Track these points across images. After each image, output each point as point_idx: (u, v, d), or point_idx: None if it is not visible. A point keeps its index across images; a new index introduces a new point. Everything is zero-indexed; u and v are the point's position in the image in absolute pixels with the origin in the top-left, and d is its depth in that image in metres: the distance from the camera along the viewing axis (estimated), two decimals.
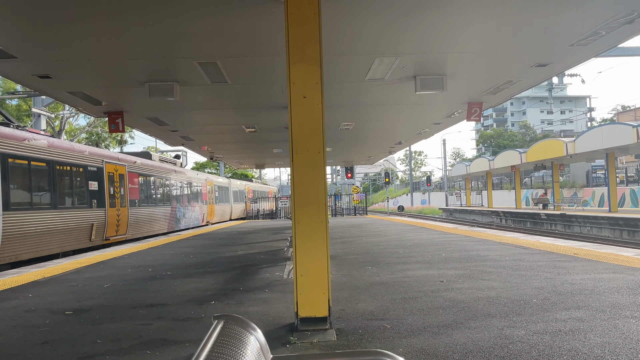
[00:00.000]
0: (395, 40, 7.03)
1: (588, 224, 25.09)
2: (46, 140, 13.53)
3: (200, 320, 5.20)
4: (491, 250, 10.20)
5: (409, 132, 17.13)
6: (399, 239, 13.75)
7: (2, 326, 5.23)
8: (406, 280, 7.07)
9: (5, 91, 37.08)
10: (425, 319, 4.88)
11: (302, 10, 4.67)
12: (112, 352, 4.20)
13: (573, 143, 26.63)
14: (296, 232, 4.64)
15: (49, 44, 6.66)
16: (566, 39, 7.28)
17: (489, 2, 5.81)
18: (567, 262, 8.09)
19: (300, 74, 4.67)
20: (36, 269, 10.04)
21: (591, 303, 5.24)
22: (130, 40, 6.69)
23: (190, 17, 5.93)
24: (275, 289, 6.77)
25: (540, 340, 4.05)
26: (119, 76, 8.45)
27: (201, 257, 10.90)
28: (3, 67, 7.69)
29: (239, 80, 8.90)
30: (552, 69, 9.10)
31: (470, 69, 8.74)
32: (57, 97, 10.16)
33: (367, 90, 10.07)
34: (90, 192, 15.68)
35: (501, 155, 37.61)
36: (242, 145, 19.18)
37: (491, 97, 11.19)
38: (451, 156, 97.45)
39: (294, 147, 4.67)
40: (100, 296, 6.74)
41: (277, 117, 12.68)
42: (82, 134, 36.87)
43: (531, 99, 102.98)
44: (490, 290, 6.12)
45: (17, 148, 11.96)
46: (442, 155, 63.92)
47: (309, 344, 4.22)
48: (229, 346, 1.57)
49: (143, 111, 11.46)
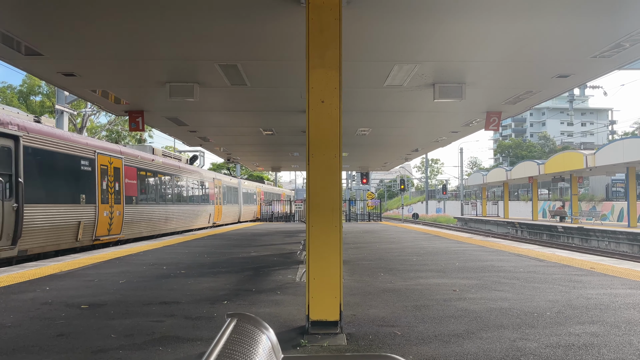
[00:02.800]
0: (415, 47, 7.03)
1: (606, 238, 24.68)
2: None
3: (212, 320, 5.25)
4: (505, 261, 10.10)
5: (426, 140, 17.06)
6: (412, 246, 13.69)
7: (19, 317, 5.35)
8: (418, 288, 7.04)
9: (30, 87, 37.88)
10: (437, 327, 4.86)
11: (323, 16, 4.71)
12: (125, 347, 4.27)
13: (593, 156, 26.26)
14: (310, 236, 4.66)
15: (74, 42, 6.80)
16: (589, 51, 7.21)
17: (511, 13, 5.79)
18: (583, 276, 7.98)
19: (320, 79, 4.71)
20: (53, 262, 10.22)
21: (606, 318, 5.17)
22: (152, 41, 6.80)
23: (212, 20, 6.01)
24: (287, 292, 6.79)
25: (553, 354, 4.01)
26: (140, 76, 8.59)
27: (215, 257, 10.98)
28: (29, 64, 7.87)
29: (258, 83, 8.98)
30: (574, 80, 9.00)
31: (490, 78, 8.70)
32: (80, 94, 10.35)
33: (385, 96, 10.08)
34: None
35: (519, 165, 37.23)
36: (259, 148, 19.28)
37: (510, 106, 11.10)
38: (468, 165, 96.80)
39: (311, 151, 4.70)
40: (115, 292, 6.84)
41: (295, 121, 12.74)
42: (102, 131, 37.46)
43: (551, 110, 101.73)
44: (503, 301, 6.07)
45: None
46: (458, 164, 63.54)
47: (319, 347, 4.24)
48: (241, 344, 1.60)
49: (163, 111, 11.61)
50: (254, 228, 24.45)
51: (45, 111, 37.61)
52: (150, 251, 12.39)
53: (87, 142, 15.00)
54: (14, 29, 6.27)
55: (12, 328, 4.90)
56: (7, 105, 36.54)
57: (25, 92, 38.43)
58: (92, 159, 14.87)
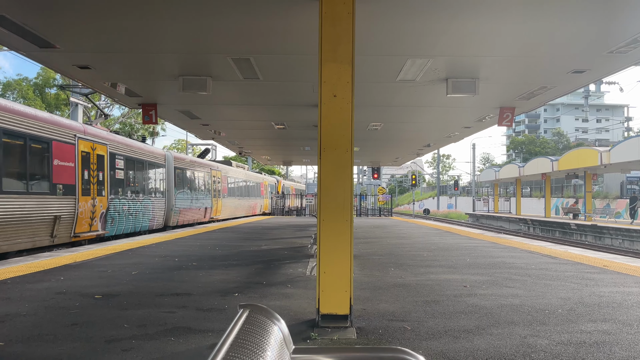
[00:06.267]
0: (429, 42, 6.99)
1: (620, 236, 24.40)
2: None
3: (223, 311, 5.30)
4: (517, 257, 10.04)
5: (438, 135, 16.97)
6: (423, 242, 13.66)
7: (35, 306, 5.44)
8: (429, 283, 7.04)
9: (45, 80, 38.27)
10: (447, 322, 4.86)
11: (336, 10, 4.70)
12: (137, 337, 4.33)
13: (608, 152, 25.93)
14: (321, 230, 4.68)
15: (90, 36, 6.87)
16: (605, 46, 7.12)
17: (525, 8, 5.72)
18: (596, 274, 7.91)
19: (332, 73, 4.71)
20: (68, 253, 10.37)
21: (618, 316, 5.13)
22: (166, 35, 6.84)
23: (226, 14, 6.03)
24: (297, 285, 6.83)
25: (564, 351, 3.99)
26: (154, 69, 8.65)
27: (226, 250, 11.06)
28: (45, 56, 7.96)
29: (271, 77, 8.99)
30: (589, 76, 8.89)
31: (504, 73, 8.62)
32: (94, 87, 10.45)
33: (398, 91, 10.04)
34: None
35: (532, 162, 36.89)
36: (271, 142, 19.33)
37: (524, 102, 11.00)
38: (480, 161, 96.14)
39: (323, 145, 4.70)
40: (128, 282, 6.93)
41: (307, 115, 12.75)
42: (116, 124, 37.78)
43: (566, 106, 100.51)
44: (514, 297, 6.04)
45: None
46: (471, 160, 63.08)
47: (329, 340, 4.27)
48: (253, 334, 1.63)
49: (176, 104, 11.68)
50: (265, 222, 24.55)
51: (60, 103, 38.04)
52: (162, 243, 12.51)
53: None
54: (31, 22, 6.34)
55: (28, 317, 5.00)
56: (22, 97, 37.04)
57: (41, 84, 38.84)
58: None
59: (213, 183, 27.16)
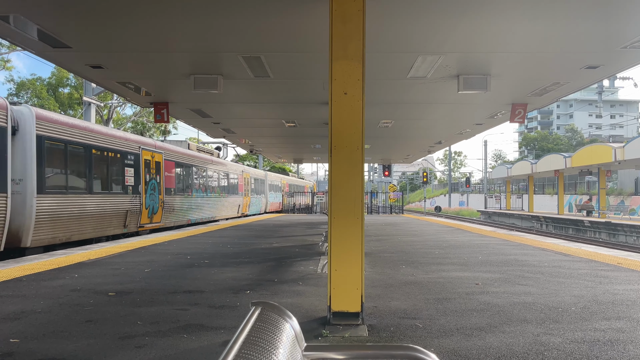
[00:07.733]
0: (440, 38, 6.95)
1: (634, 233, 24.10)
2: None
3: (235, 309, 5.33)
4: (530, 255, 9.97)
5: (449, 132, 16.88)
6: (435, 239, 13.61)
7: (50, 303, 5.52)
8: (440, 281, 7.02)
9: (58, 80, 38.67)
10: (459, 320, 4.85)
11: (346, 7, 4.70)
12: (150, 334, 4.38)
13: (622, 149, 25.58)
14: (332, 227, 4.69)
15: (102, 35, 6.93)
16: (619, 41, 7.02)
17: (537, 4, 5.67)
18: (610, 272, 7.83)
19: (342, 71, 4.71)
20: (81, 251, 10.49)
21: (633, 314, 5.08)
22: (177, 34, 6.88)
23: (236, 13, 6.05)
24: (308, 283, 6.85)
25: (577, 349, 3.96)
26: (165, 68, 8.70)
27: (237, 248, 11.11)
28: (58, 56, 8.05)
29: (281, 75, 9.01)
30: (603, 72, 8.78)
31: (515, 69, 8.55)
32: (107, 86, 10.54)
33: (409, 88, 10.00)
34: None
35: (544, 158, 36.51)
36: (282, 140, 19.37)
37: (537, 98, 10.90)
38: (492, 158, 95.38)
39: (333, 143, 4.71)
40: (141, 280, 7.00)
41: (317, 113, 12.75)
42: (128, 123, 38.08)
43: (579, 102, 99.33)
44: (526, 295, 6.00)
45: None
46: (482, 157, 62.62)
47: (340, 337, 4.27)
48: (265, 332, 1.64)
49: (187, 103, 11.75)
50: (276, 219, 24.62)
51: (73, 103, 38.42)
52: (174, 241, 12.60)
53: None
54: (45, 23, 6.41)
55: (43, 314, 5.07)
56: (36, 97, 37.43)
57: (54, 84, 39.25)
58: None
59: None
